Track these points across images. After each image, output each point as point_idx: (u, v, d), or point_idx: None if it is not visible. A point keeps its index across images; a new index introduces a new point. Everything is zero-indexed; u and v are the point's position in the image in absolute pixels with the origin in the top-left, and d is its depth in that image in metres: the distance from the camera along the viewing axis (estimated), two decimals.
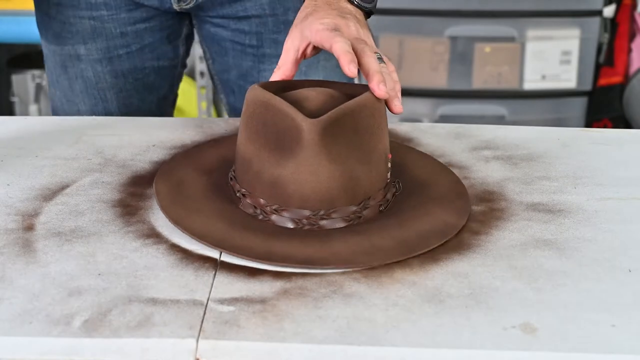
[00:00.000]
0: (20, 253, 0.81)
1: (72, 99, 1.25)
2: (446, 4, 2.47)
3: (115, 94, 1.24)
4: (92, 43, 1.20)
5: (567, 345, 0.69)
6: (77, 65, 1.22)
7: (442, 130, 1.12)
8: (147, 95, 1.27)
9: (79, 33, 1.20)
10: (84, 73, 1.22)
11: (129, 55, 1.22)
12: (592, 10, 2.49)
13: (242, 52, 1.23)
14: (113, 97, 1.24)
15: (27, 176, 0.97)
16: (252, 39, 1.22)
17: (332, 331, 0.70)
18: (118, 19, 1.20)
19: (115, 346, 0.69)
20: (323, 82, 0.93)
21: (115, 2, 1.19)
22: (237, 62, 1.25)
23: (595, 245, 0.84)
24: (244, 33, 1.22)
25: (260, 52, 1.22)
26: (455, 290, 0.76)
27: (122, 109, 1.25)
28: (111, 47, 1.21)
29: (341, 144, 0.84)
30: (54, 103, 1.28)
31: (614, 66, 2.57)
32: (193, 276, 0.78)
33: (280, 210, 0.85)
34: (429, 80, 2.55)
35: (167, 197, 0.89)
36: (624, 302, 0.74)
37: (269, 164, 0.84)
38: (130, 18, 1.20)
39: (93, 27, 1.19)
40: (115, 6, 1.19)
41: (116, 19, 1.19)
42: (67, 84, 1.24)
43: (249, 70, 1.24)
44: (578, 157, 1.04)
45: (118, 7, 1.19)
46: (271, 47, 1.22)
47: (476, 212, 0.90)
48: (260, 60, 1.23)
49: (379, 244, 0.82)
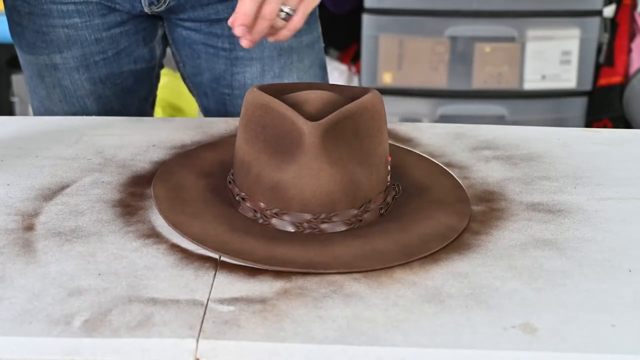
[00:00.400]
0: (20, 253, 0.81)
1: (50, 107, 1.24)
2: (446, 4, 2.47)
3: (94, 100, 1.23)
4: (68, 51, 1.19)
5: (567, 345, 0.69)
6: (53, 74, 1.20)
7: (442, 130, 1.12)
8: (127, 99, 1.26)
9: (54, 42, 1.18)
10: (61, 82, 1.21)
11: (106, 61, 1.21)
12: (592, 10, 2.49)
13: (215, 55, 1.22)
14: (93, 104, 1.23)
15: (27, 176, 0.97)
16: (225, 42, 1.21)
17: (332, 331, 0.70)
18: (92, 26, 1.18)
19: (115, 346, 0.69)
20: (322, 84, 0.93)
21: (87, 8, 1.17)
22: (210, 65, 1.24)
23: (595, 245, 0.84)
24: (217, 36, 1.21)
25: (233, 55, 1.21)
26: (455, 290, 0.76)
27: (102, 114, 1.23)
28: (87, 54, 1.19)
29: (342, 147, 0.83)
30: (34, 112, 1.27)
31: (614, 66, 2.57)
32: (193, 276, 0.78)
33: (281, 214, 0.85)
34: (429, 80, 2.55)
35: (165, 201, 0.88)
36: (624, 302, 0.74)
37: (269, 168, 0.84)
38: (104, 24, 1.18)
39: (67, 35, 1.18)
40: (88, 13, 1.17)
41: (90, 25, 1.18)
42: (44, 93, 1.23)
43: (221, 74, 1.23)
44: (578, 157, 1.04)
45: (91, 13, 1.17)
46: (244, 50, 1.20)
47: (476, 212, 0.90)
48: (233, 63, 1.22)
49: (380, 247, 0.82)
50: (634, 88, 2.55)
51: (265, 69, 1.22)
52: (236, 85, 1.24)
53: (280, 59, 1.22)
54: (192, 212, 0.87)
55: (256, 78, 1.22)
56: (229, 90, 1.24)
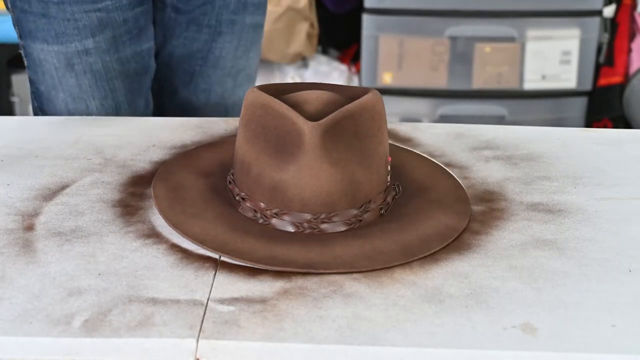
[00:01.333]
0: (20, 253, 0.81)
1: (80, 96, 1.25)
2: (446, 4, 2.48)
3: (122, 81, 1.26)
4: (100, 35, 1.22)
5: (567, 345, 0.69)
6: (85, 60, 1.23)
7: (442, 130, 1.12)
8: (143, 78, 1.30)
9: (86, 27, 1.21)
10: (92, 67, 1.24)
11: (132, 41, 1.25)
12: (592, 10, 2.49)
13: (198, 31, 1.32)
14: (121, 85, 1.27)
15: (27, 176, 0.97)
16: (212, 19, 1.31)
17: (332, 331, 0.70)
18: (121, 7, 1.22)
19: (115, 346, 0.69)
20: (322, 84, 0.93)
21: None
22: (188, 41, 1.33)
23: (595, 245, 0.84)
24: (205, 14, 1.31)
25: (217, 31, 1.32)
26: (455, 290, 0.76)
27: (128, 96, 1.28)
28: (117, 35, 1.23)
29: (342, 147, 0.83)
30: (56, 107, 1.28)
31: (614, 66, 2.57)
32: (193, 276, 0.78)
33: (281, 214, 0.85)
34: (429, 80, 2.56)
35: (165, 201, 0.88)
36: (624, 302, 0.74)
37: (269, 168, 0.84)
38: (130, 4, 1.23)
39: (99, 19, 1.21)
40: None
41: (119, 7, 1.22)
42: (74, 81, 1.25)
43: (199, 48, 1.34)
44: (578, 157, 1.04)
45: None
46: (228, 27, 1.32)
47: (476, 212, 0.90)
48: (214, 39, 1.33)
49: (381, 247, 0.82)
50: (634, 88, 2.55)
51: (240, 43, 1.34)
52: (211, 58, 1.35)
53: (253, 34, 1.36)
54: (192, 212, 0.87)
55: (230, 52, 1.35)
56: (201, 62, 1.35)
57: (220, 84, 1.38)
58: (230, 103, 1.41)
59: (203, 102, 1.39)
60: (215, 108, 1.39)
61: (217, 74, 1.37)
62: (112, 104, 1.27)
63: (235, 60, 1.36)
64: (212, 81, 1.37)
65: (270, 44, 2.55)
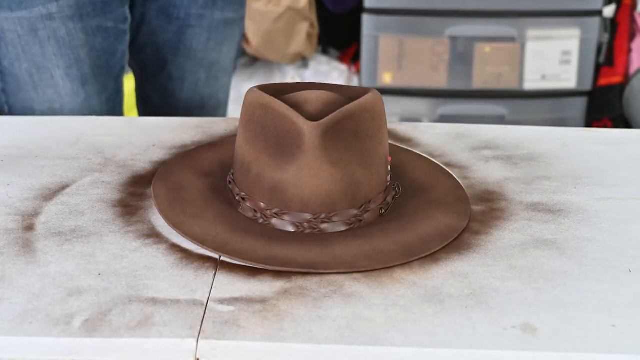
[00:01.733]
0: (20, 253, 0.81)
1: (44, 64, 1.25)
2: (446, 4, 2.48)
3: (87, 53, 1.27)
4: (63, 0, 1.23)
5: (567, 345, 0.69)
6: (49, 25, 1.23)
7: (442, 130, 1.12)
8: (110, 58, 1.31)
9: None
10: (56, 32, 1.24)
11: (96, 13, 1.26)
12: (592, 10, 2.49)
13: (167, 22, 1.35)
14: (86, 57, 1.27)
15: (27, 176, 0.97)
16: (181, 12, 1.35)
17: (332, 331, 0.70)
18: None
19: (115, 346, 0.69)
20: (322, 84, 0.93)
21: None
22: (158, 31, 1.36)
23: (595, 245, 0.84)
24: (174, 6, 1.35)
25: (185, 23, 1.35)
26: (455, 290, 0.76)
27: (95, 70, 1.28)
28: (80, 4, 1.24)
29: (342, 147, 0.84)
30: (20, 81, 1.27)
31: (614, 66, 2.57)
32: (193, 276, 0.78)
33: (281, 214, 0.85)
34: (429, 80, 2.56)
35: (165, 201, 0.88)
36: (624, 302, 0.74)
37: (269, 168, 0.84)
38: None
39: None
40: None
41: None
42: (38, 49, 1.24)
43: (169, 38, 1.38)
44: (578, 157, 1.04)
45: None
46: (196, 20, 1.36)
47: (476, 212, 0.90)
48: (182, 31, 1.37)
49: (381, 247, 0.82)
50: (634, 88, 2.55)
51: (211, 37, 1.37)
52: (181, 48, 1.38)
53: (225, 29, 1.38)
54: (192, 212, 0.87)
55: (201, 44, 1.39)
56: (173, 52, 1.38)
57: (193, 74, 1.41)
58: (207, 93, 1.44)
59: (179, 89, 1.42)
60: (191, 97, 1.43)
61: (189, 64, 1.40)
62: (78, 75, 1.26)
63: (207, 52, 1.40)
64: (184, 69, 1.40)
65: (270, 44, 2.55)
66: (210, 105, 1.46)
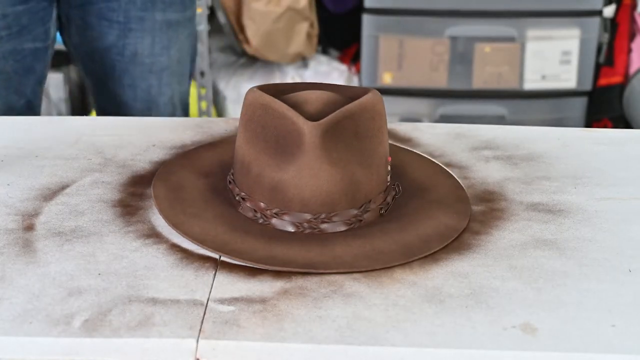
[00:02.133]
0: (20, 253, 0.81)
1: None
2: (446, 4, 2.48)
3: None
4: None
5: (567, 345, 0.69)
6: None
7: (442, 130, 1.12)
8: (25, 78, 1.29)
9: None
10: None
11: (10, 37, 1.24)
12: (592, 10, 2.49)
13: (109, 27, 1.32)
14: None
15: (27, 176, 0.97)
16: (120, 15, 1.31)
17: (332, 331, 0.70)
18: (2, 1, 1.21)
19: (115, 346, 0.69)
20: (322, 84, 0.93)
21: None
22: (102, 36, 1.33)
23: (595, 245, 0.84)
24: (113, 10, 1.32)
25: (126, 27, 1.32)
26: (455, 290, 0.76)
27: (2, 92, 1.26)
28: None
29: (342, 147, 0.84)
30: None
31: (614, 66, 2.57)
32: (193, 276, 0.78)
33: (281, 214, 0.85)
34: (429, 80, 2.56)
35: (165, 201, 0.88)
36: (624, 302, 0.74)
37: (269, 168, 0.84)
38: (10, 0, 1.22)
39: None
40: None
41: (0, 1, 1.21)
42: None
43: (113, 43, 1.34)
44: (578, 157, 1.04)
45: None
46: (137, 23, 1.32)
47: (476, 212, 0.90)
48: (125, 35, 1.33)
49: (381, 247, 0.82)
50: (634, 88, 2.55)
51: (155, 40, 1.34)
52: (127, 54, 1.34)
53: (169, 31, 1.34)
54: (192, 212, 0.87)
55: (147, 49, 1.35)
56: (119, 57, 1.35)
57: (144, 80, 1.37)
58: (161, 101, 1.39)
59: (132, 97, 1.38)
60: (145, 105, 1.38)
61: (138, 70, 1.36)
62: None
63: (155, 57, 1.35)
64: (134, 76, 1.37)
65: (270, 44, 2.55)
66: (167, 113, 1.40)
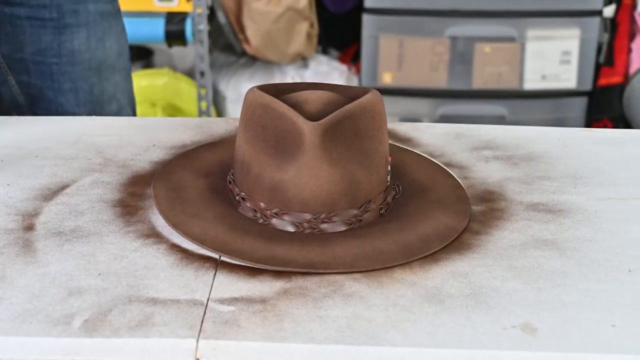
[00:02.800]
0: (20, 253, 0.81)
1: None
2: (446, 4, 2.48)
3: None
4: None
5: (567, 345, 0.69)
6: None
7: (442, 130, 1.12)
8: None
9: None
10: None
11: None
12: (592, 10, 2.49)
13: (42, 27, 1.26)
14: None
15: (27, 176, 0.97)
16: (53, 11, 1.26)
17: (332, 331, 0.70)
18: None
19: (115, 346, 0.69)
20: (322, 84, 0.93)
21: None
22: (35, 39, 1.27)
23: (595, 245, 0.84)
24: (44, 7, 1.25)
25: (61, 23, 1.27)
26: (455, 290, 0.76)
27: None
28: None
29: (342, 147, 0.84)
30: None
31: (614, 66, 2.57)
32: (193, 276, 0.78)
33: (281, 214, 0.85)
34: (429, 80, 2.56)
35: (165, 201, 0.88)
36: (624, 302, 0.74)
37: (269, 168, 0.84)
38: None
39: None
40: None
41: None
42: None
43: (48, 45, 1.27)
44: (578, 157, 1.04)
45: None
46: (72, 17, 1.27)
47: (476, 212, 0.90)
48: (61, 32, 1.27)
49: (381, 247, 0.82)
50: (634, 88, 2.55)
51: (90, 33, 1.29)
52: (64, 53, 1.28)
53: (103, 23, 1.30)
54: (192, 212, 0.87)
55: (83, 43, 1.29)
56: (57, 59, 1.28)
57: (85, 80, 1.31)
58: (105, 99, 1.34)
59: (74, 103, 1.31)
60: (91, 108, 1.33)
61: (77, 70, 1.30)
62: None
63: (91, 52, 1.30)
64: (74, 78, 1.30)
65: (270, 44, 2.55)
66: (112, 111, 1.35)
